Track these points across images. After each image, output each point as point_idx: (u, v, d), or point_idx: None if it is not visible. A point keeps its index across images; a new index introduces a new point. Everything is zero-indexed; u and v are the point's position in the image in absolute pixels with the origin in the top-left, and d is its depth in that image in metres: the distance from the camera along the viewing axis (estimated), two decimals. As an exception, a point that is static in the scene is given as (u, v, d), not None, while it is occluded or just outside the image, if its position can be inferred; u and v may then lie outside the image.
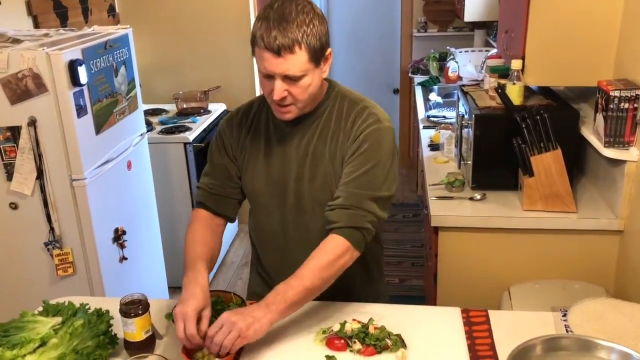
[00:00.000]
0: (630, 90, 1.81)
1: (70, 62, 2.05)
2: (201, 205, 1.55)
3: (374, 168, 1.39)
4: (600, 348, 1.23)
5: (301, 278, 1.31)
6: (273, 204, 1.50)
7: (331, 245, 1.35)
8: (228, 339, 1.23)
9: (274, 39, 1.27)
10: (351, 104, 1.46)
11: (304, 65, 1.31)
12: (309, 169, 1.45)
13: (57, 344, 1.30)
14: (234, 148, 1.52)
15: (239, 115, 1.53)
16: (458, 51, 4.04)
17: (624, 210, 1.92)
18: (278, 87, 1.32)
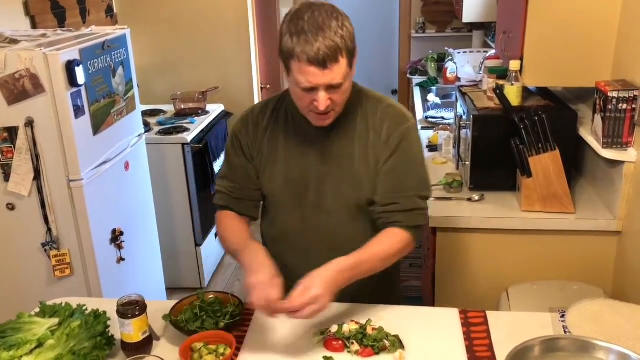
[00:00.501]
0: (629, 91, 1.81)
1: (67, 62, 2.05)
2: (224, 208, 1.56)
3: (417, 167, 1.47)
4: (598, 349, 1.23)
5: (374, 258, 1.37)
6: (292, 203, 1.50)
7: (398, 237, 1.42)
8: (310, 312, 1.24)
9: (318, 52, 1.26)
10: (374, 102, 1.48)
11: (345, 71, 1.32)
12: (335, 169, 1.46)
13: (54, 345, 1.30)
14: (251, 148, 1.51)
15: (254, 115, 1.52)
16: (456, 52, 4.04)
17: (622, 211, 1.92)
18: (323, 98, 1.32)
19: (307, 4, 1.33)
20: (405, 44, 4.89)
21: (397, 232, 1.43)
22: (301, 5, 1.33)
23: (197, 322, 1.39)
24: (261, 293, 1.26)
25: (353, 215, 1.48)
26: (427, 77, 4.18)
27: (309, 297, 1.24)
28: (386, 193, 1.44)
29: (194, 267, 3.33)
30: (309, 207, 1.49)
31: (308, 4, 1.32)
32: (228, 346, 1.31)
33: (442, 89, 3.96)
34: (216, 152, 3.40)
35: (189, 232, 3.26)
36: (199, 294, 1.49)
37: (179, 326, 1.39)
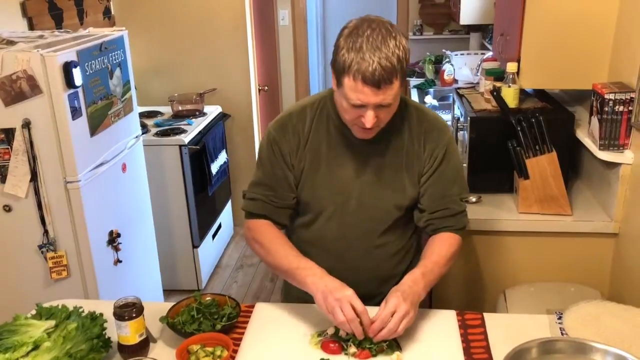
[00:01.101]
0: (625, 93, 1.82)
1: (65, 64, 2.04)
2: (260, 217, 1.54)
3: (459, 173, 1.54)
4: (595, 351, 1.23)
5: (439, 265, 1.44)
6: (333, 210, 1.52)
7: (452, 240, 1.51)
8: (401, 328, 1.28)
9: (374, 73, 1.26)
10: (416, 112, 1.51)
11: (397, 92, 1.33)
12: (378, 178, 1.49)
13: (50, 347, 1.30)
14: (292, 156, 1.51)
15: (293, 122, 1.51)
16: (454, 54, 4.04)
17: (618, 213, 1.92)
18: (370, 116, 1.33)
19: (366, 19, 1.33)
20: (402, 46, 4.88)
21: (449, 236, 1.51)
22: (360, 20, 1.33)
23: (194, 324, 1.39)
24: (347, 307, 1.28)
25: (391, 221, 1.53)
26: (425, 79, 4.18)
27: (401, 314, 1.28)
28: (435, 201, 1.51)
29: (191, 269, 3.33)
30: (349, 213, 1.52)
31: (367, 20, 1.33)
32: (225, 348, 1.31)
33: (440, 91, 3.96)
34: (213, 154, 3.40)
35: (186, 234, 3.25)
36: (196, 295, 1.49)
37: (176, 328, 1.38)
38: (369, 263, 1.56)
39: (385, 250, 1.56)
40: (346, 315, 1.27)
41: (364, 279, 1.57)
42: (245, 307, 1.51)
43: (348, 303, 1.28)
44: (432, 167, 1.50)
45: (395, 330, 1.28)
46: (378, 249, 1.55)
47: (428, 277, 1.40)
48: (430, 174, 1.50)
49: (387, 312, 1.28)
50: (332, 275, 1.50)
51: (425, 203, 1.52)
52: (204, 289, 3.38)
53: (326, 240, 1.56)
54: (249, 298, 3.33)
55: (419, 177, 1.51)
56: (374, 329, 1.28)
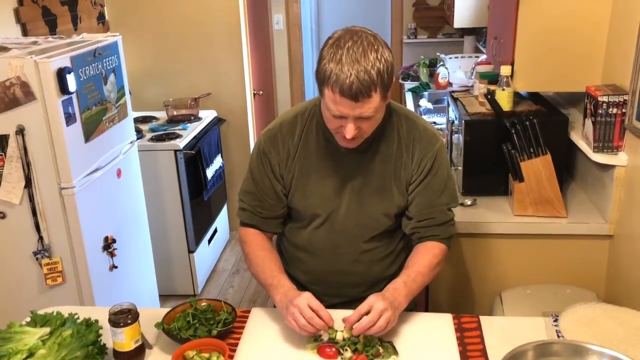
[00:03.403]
0: (619, 95, 1.82)
1: (58, 70, 2.04)
2: (250, 226, 1.58)
3: (448, 182, 1.53)
4: (591, 353, 1.23)
5: (422, 274, 1.45)
6: (324, 217, 1.53)
7: (437, 250, 1.51)
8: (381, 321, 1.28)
9: (351, 86, 1.26)
10: (406, 121, 1.52)
11: (378, 105, 1.32)
12: (368, 185, 1.49)
13: (45, 354, 1.29)
14: (281, 167, 1.52)
15: (283, 133, 1.51)
16: (448, 57, 4.06)
17: (613, 215, 1.92)
18: (350, 128, 1.34)
19: (350, 30, 1.33)
20: (396, 50, 4.90)
21: (435, 245, 1.52)
22: (344, 31, 1.33)
23: (189, 330, 1.38)
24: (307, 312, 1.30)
25: (380, 227, 1.54)
26: (419, 83, 4.19)
27: (379, 308, 1.29)
28: (422, 210, 1.51)
29: (187, 274, 3.32)
30: (339, 220, 1.53)
31: (351, 31, 1.33)
32: (221, 354, 1.31)
33: (434, 95, 3.97)
34: (209, 159, 3.39)
35: (182, 239, 3.24)
36: (192, 301, 1.48)
37: (172, 334, 1.38)
38: (358, 267, 1.57)
39: (374, 254, 1.57)
40: (304, 315, 1.29)
41: (353, 283, 1.59)
42: (241, 312, 1.51)
43: (305, 305, 1.31)
44: (420, 177, 1.50)
45: (374, 322, 1.28)
46: (366, 254, 1.56)
47: (410, 286, 1.41)
48: (417, 183, 1.50)
49: (365, 306, 1.30)
50: (322, 279, 1.57)
51: (412, 211, 1.53)
52: (200, 294, 3.37)
53: (315, 246, 1.57)
54: (245, 302, 3.32)
55: (407, 186, 1.52)
56: (350, 320, 1.30)
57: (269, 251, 1.55)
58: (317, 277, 1.59)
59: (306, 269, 1.60)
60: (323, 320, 1.31)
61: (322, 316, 1.31)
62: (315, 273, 1.59)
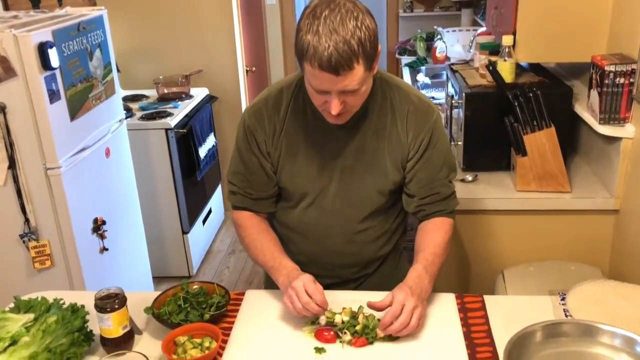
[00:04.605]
0: (626, 64, 1.75)
1: (39, 44, 1.94)
2: (242, 209, 1.51)
3: (447, 154, 1.47)
4: (602, 333, 1.18)
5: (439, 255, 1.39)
6: (315, 196, 1.45)
7: (447, 226, 1.46)
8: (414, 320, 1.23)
9: (330, 58, 1.16)
10: (399, 93, 1.42)
11: (361, 77, 1.23)
12: (360, 162, 1.41)
13: (29, 342, 1.23)
14: (268, 144, 1.43)
15: (269, 108, 1.43)
16: (445, 31, 3.96)
17: (619, 189, 1.86)
18: (335, 103, 1.25)
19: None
20: (393, 24, 4.80)
21: (443, 221, 1.46)
22: (320, 0, 1.22)
23: (180, 315, 1.32)
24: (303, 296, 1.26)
25: (374, 206, 1.47)
26: (416, 57, 4.10)
27: (411, 306, 1.23)
28: (423, 186, 1.44)
29: (181, 255, 3.26)
30: (330, 198, 1.45)
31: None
32: (214, 339, 1.25)
33: (432, 69, 3.88)
34: (201, 137, 3.31)
35: (176, 220, 3.17)
36: (183, 284, 1.42)
37: (162, 319, 1.32)
38: (351, 248, 1.50)
39: (368, 234, 1.50)
40: (301, 300, 1.25)
41: (346, 264, 1.52)
42: (235, 294, 1.44)
43: (302, 289, 1.26)
44: (418, 152, 1.42)
45: (407, 323, 1.22)
46: (360, 234, 1.49)
47: (431, 270, 1.35)
48: (417, 159, 1.42)
49: (397, 305, 1.23)
50: (314, 260, 1.50)
51: (413, 188, 1.45)
52: (195, 275, 3.32)
53: (306, 226, 1.49)
54: (241, 283, 3.28)
55: (403, 162, 1.43)
56: (384, 323, 1.23)
57: (266, 232, 1.48)
58: (309, 258, 1.52)
59: (297, 250, 1.53)
60: (318, 305, 1.25)
61: (317, 301, 1.25)
62: (306, 254, 1.52)
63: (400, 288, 1.26)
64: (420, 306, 1.26)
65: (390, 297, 1.26)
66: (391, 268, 1.59)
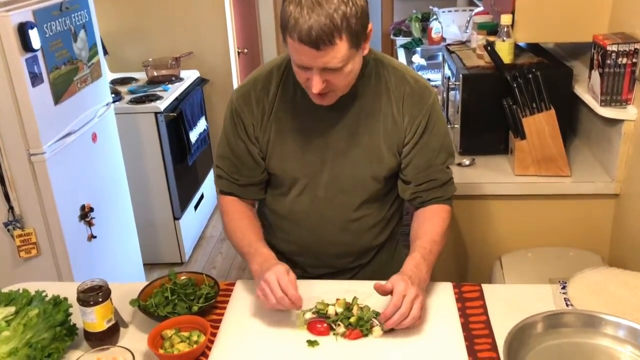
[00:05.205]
0: (629, 44, 1.69)
1: (19, 24, 1.87)
2: (228, 194, 1.46)
3: (444, 139, 1.41)
4: (605, 324, 1.14)
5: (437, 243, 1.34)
6: (305, 182, 1.39)
7: (444, 213, 1.41)
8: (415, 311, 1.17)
9: (310, 31, 1.10)
10: (395, 74, 1.36)
11: (345, 54, 1.16)
12: (354, 146, 1.35)
13: (9, 337, 1.17)
14: (256, 128, 1.37)
15: (257, 90, 1.36)
16: (441, 11, 3.88)
17: (620, 173, 1.82)
18: (316, 80, 1.18)
19: None
20: (387, 4, 4.71)
21: (440, 209, 1.41)
22: None
23: (168, 307, 1.27)
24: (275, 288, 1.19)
25: (368, 193, 1.41)
26: (412, 38, 4.02)
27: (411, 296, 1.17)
28: (420, 172, 1.39)
29: (173, 241, 3.20)
30: (322, 185, 1.39)
31: None
32: (202, 333, 1.20)
33: (427, 50, 3.81)
34: (192, 121, 3.24)
35: (167, 206, 3.11)
36: (171, 275, 1.37)
37: (149, 311, 1.27)
38: (345, 237, 1.44)
39: (363, 223, 1.44)
40: (274, 294, 1.18)
41: (340, 254, 1.47)
42: (224, 285, 1.39)
43: (275, 283, 1.19)
44: (414, 137, 1.36)
45: (407, 315, 1.16)
46: (355, 223, 1.43)
47: (429, 259, 1.30)
48: (413, 144, 1.36)
49: (398, 296, 1.17)
50: (307, 250, 1.46)
51: (409, 174, 1.39)
52: (188, 262, 3.28)
53: (299, 214, 1.44)
54: (234, 270, 3.23)
55: (399, 147, 1.37)
56: (385, 315, 1.17)
57: (249, 219, 1.42)
58: (302, 247, 1.47)
59: (290, 239, 1.48)
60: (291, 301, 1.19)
61: (290, 296, 1.19)
62: (299, 243, 1.47)
63: (400, 278, 1.21)
64: (421, 295, 1.20)
65: (390, 286, 1.20)
66: (387, 258, 1.54)
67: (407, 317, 1.16)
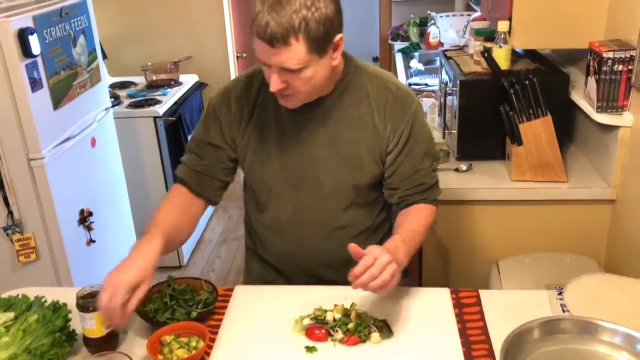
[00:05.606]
0: (625, 51, 1.70)
1: (19, 30, 1.88)
2: (181, 182, 1.42)
3: (429, 144, 1.42)
4: (602, 330, 1.15)
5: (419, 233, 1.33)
6: (287, 190, 1.39)
7: (429, 210, 1.41)
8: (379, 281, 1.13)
9: (266, 28, 1.12)
10: (378, 81, 1.36)
11: (302, 57, 1.16)
12: (335, 153, 1.35)
13: (8, 343, 1.18)
14: (233, 130, 1.37)
15: (237, 91, 1.37)
16: (439, 16, 3.90)
17: (616, 179, 1.83)
18: (274, 78, 1.19)
19: None
20: (385, 9, 4.72)
21: (425, 206, 1.42)
22: None
23: (167, 313, 1.28)
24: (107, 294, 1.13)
25: (351, 199, 1.40)
26: (409, 43, 4.03)
27: (384, 261, 1.14)
28: (406, 178, 1.39)
29: (171, 245, 3.20)
30: (305, 193, 1.39)
31: None
32: (201, 338, 1.20)
33: (425, 55, 3.82)
34: (191, 125, 3.24)
35: (165, 210, 3.12)
36: (170, 280, 1.37)
37: (148, 317, 1.27)
38: (330, 245, 1.43)
39: (349, 230, 1.43)
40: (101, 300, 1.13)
41: (324, 263, 1.46)
42: (223, 290, 1.40)
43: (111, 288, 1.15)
44: (398, 145, 1.36)
45: (377, 276, 1.12)
46: (340, 230, 1.42)
47: (409, 245, 1.27)
48: (397, 152, 1.36)
49: (370, 257, 1.14)
50: (290, 259, 1.44)
51: (395, 182, 1.40)
52: (186, 265, 3.28)
53: (282, 223, 1.43)
54: (233, 273, 3.24)
55: (382, 155, 1.37)
56: (354, 274, 1.13)
57: (175, 211, 1.36)
58: (285, 256, 1.46)
59: (273, 248, 1.48)
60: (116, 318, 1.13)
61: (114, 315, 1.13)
62: (283, 252, 1.46)
63: (376, 246, 1.18)
64: (395, 264, 1.16)
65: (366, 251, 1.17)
66: None
67: (376, 278, 1.13)
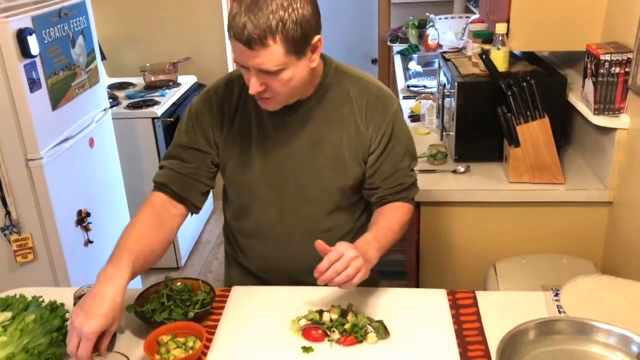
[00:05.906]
0: (622, 53, 1.71)
1: (18, 31, 1.88)
2: (161, 188, 1.39)
3: (408, 144, 1.43)
4: (597, 331, 1.15)
5: (392, 231, 1.34)
6: (270, 195, 1.38)
7: (405, 208, 1.42)
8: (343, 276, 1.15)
9: (243, 29, 1.11)
10: (358, 82, 1.36)
11: (280, 59, 1.16)
12: (317, 156, 1.35)
13: (6, 342, 1.18)
14: (215, 134, 1.36)
15: (218, 96, 1.36)
16: (437, 18, 3.90)
17: (613, 181, 1.83)
18: (253, 81, 1.19)
19: None
20: (384, 11, 4.73)
21: (402, 204, 1.43)
22: None
23: (164, 313, 1.28)
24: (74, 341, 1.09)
25: (335, 202, 1.40)
26: (408, 45, 4.04)
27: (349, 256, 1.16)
28: (386, 178, 1.40)
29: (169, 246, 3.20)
30: (288, 197, 1.38)
31: None
32: (198, 339, 1.20)
33: (424, 57, 3.83)
34: (189, 126, 3.24)
35: (163, 211, 3.12)
36: (167, 280, 1.37)
37: (145, 317, 1.27)
38: (312, 251, 1.36)
39: (332, 234, 1.41)
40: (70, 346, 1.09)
41: (308, 269, 1.42)
42: (220, 291, 1.40)
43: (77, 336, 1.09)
44: (380, 146, 1.37)
45: (341, 271, 1.14)
46: (323, 235, 1.39)
47: (381, 242, 1.29)
48: (379, 153, 1.37)
49: (335, 252, 1.16)
50: (273, 266, 1.43)
51: (377, 181, 1.40)
52: (184, 267, 3.28)
53: (265, 229, 1.43)
54: (230, 275, 3.23)
55: (364, 156, 1.37)
56: (319, 270, 1.15)
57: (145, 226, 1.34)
58: (267, 263, 1.46)
59: (256, 255, 1.47)
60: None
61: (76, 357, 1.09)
62: (265, 259, 1.46)
63: (344, 242, 1.20)
64: (362, 260, 1.18)
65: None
66: None
67: (340, 273, 1.14)
